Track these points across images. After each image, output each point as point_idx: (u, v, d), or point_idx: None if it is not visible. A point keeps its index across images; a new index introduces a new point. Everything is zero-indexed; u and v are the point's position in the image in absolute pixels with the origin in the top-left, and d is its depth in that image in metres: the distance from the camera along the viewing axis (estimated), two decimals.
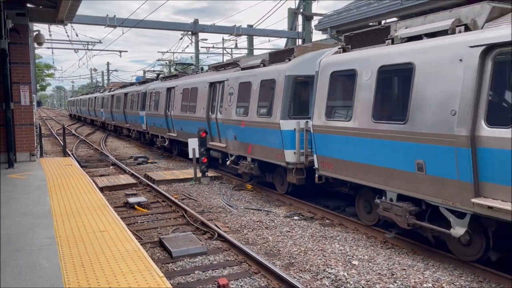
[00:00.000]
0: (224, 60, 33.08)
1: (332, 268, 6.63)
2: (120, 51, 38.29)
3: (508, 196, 5.53)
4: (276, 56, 11.56)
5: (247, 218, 9.52)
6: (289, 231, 8.54)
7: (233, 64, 14.44)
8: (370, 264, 6.82)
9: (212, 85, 14.56)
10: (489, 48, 5.82)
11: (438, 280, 6.18)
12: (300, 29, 24.98)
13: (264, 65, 11.84)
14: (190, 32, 29.36)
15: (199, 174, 13.43)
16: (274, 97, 10.79)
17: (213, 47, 35.54)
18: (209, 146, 14.06)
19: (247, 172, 12.42)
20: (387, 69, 7.48)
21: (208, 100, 14.65)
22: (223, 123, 13.45)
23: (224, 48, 35.27)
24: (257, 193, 12.11)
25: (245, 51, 34.22)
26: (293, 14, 24.95)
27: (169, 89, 19.01)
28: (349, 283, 6.13)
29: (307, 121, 9.91)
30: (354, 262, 6.88)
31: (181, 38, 31.29)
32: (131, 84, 30.47)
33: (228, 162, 13.31)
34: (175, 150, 19.62)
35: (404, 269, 6.58)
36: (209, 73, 16.03)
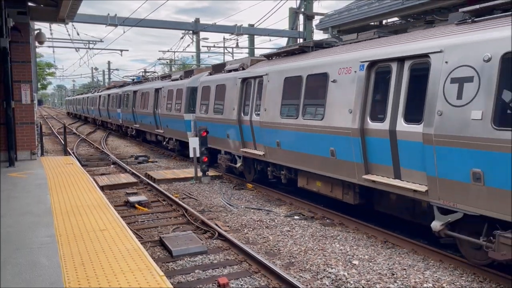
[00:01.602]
0: (225, 60, 33.57)
1: (332, 268, 6.63)
2: (121, 50, 38.43)
3: (250, 147, 12.19)
4: (186, 74, 18.39)
5: (248, 217, 9.53)
6: (289, 231, 8.54)
7: (169, 76, 21.46)
8: (370, 263, 6.82)
9: (156, 90, 21.05)
10: (244, 79, 12.40)
11: (438, 280, 6.18)
12: (301, 28, 24.97)
13: (181, 79, 18.32)
14: (191, 31, 29.31)
15: (199, 174, 13.45)
16: (182, 99, 17.28)
17: (214, 46, 35.55)
18: (155, 133, 21.31)
19: (173, 148, 19.21)
20: (219, 87, 13.87)
21: (154, 100, 21.23)
22: (161, 116, 19.93)
23: (225, 48, 35.25)
24: (258, 193, 12.11)
25: (246, 51, 34.22)
26: (294, 14, 24.95)
27: (134, 92, 25.15)
28: (349, 282, 6.13)
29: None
30: (354, 262, 6.88)
31: (182, 37, 31.26)
32: (114, 86, 35.70)
33: (164, 143, 20.27)
34: (140, 137, 25.94)
35: (405, 269, 6.58)
36: (157, 81, 22.99)
